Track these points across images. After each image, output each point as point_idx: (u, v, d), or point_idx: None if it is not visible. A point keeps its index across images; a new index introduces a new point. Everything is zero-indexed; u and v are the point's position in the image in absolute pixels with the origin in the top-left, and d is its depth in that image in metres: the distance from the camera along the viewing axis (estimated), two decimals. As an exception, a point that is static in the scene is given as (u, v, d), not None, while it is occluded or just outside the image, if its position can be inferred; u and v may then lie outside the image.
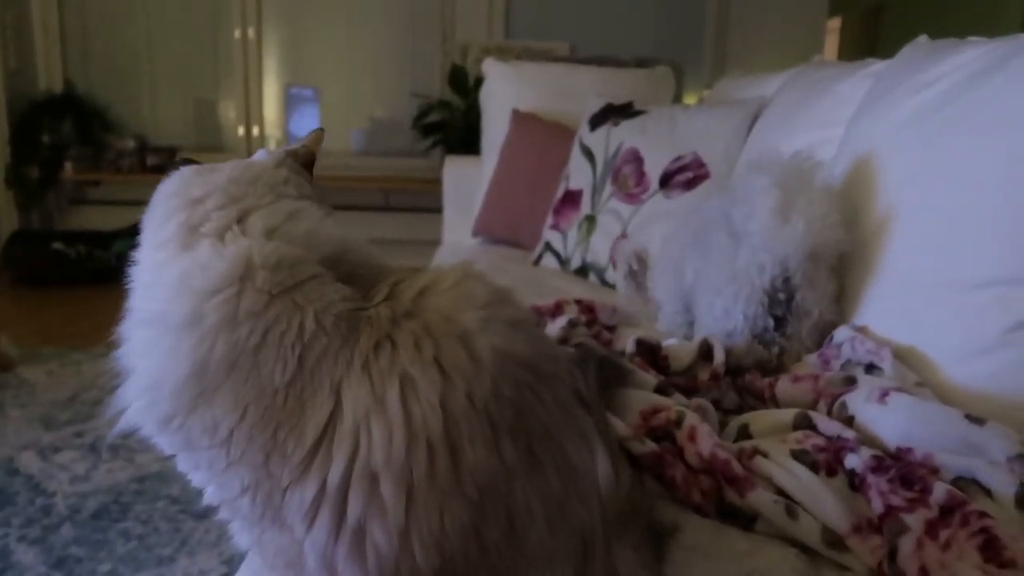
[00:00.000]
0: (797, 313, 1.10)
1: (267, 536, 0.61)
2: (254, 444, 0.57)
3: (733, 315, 1.11)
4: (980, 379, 0.90)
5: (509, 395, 0.58)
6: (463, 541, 0.55)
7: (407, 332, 0.58)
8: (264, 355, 0.57)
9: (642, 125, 1.96)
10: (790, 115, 1.59)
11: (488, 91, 2.71)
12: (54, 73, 4.27)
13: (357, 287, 0.62)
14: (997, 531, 0.67)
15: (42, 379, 2.52)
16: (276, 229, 0.63)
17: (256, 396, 0.57)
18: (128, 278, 0.64)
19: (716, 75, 4.21)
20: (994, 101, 0.96)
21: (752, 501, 0.77)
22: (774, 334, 1.11)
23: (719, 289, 1.14)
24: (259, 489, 0.58)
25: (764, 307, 1.09)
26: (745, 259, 1.11)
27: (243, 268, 0.58)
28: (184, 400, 0.57)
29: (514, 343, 0.60)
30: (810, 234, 1.07)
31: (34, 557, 1.55)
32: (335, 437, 0.56)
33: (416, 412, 0.55)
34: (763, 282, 1.09)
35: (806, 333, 1.11)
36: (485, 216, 2.49)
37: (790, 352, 1.12)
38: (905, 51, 1.27)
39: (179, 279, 0.59)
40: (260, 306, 0.57)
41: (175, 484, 1.83)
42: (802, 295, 1.09)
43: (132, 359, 0.61)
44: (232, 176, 0.69)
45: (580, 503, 0.61)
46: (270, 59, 4.47)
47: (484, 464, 0.56)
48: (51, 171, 4.05)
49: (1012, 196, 0.90)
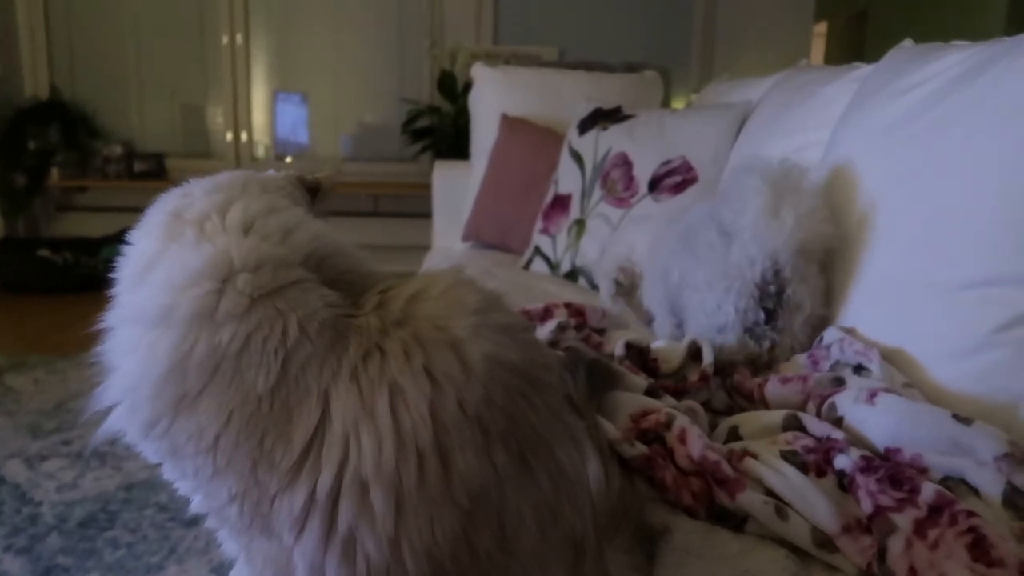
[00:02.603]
0: (788, 307, 1.11)
1: (255, 545, 0.60)
2: (240, 451, 0.56)
3: (724, 309, 1.12)
4: (967, 379, 0.91)
5: (501, 402, 0.58)
6: (454, 549, 0.55)
7: (396, 341, 0.58)
8: (247, 360, 0.56)
9: (631, 129, 1.97)
10: (777, 119, 1.60)
11: (477, 96, 2.71)
12: (40, 79, 4.24)
13: (344, 292, 0.62)
14: (985, 530, 0.67)
15: (28, 387, 2.50)
16: (253, 221, 0.62)
17: (241, 402, 0.56)
18: (115, 268, 0.63)
19: (703, 79, 4.23)
20: (979, 103, 0.97)
21: (742, 502, 0.78)
22: (765, 328, 1.12)
23: (710, 285, 1.14)
24: (247, 497, 0.57)
25: (755, 300, 1.10)
26: (736, 254, 1.12)
27: (223, 268, 0.58)
28: (165, 402, 0.57)
29: (505, 349, 0.59)
30: (799, 229, 1.08)
31: (20, 567, 1.54)
32: (324, 445, 0.56)
33: (406, 421, 0.55)
34: (754, 275, 1.10)
35: (798, 327, 1.12)
36: (475, 221, 2.49)
37: (782, 346, 1.13)
38: (890, 55, 1.28)
39: (160, 273, 0.59)
40: (241, 309, 0.57)
41: (163, 492, 1.82)
42: (793, 289, 1.10)
43: (113, 356, 0.60)
44: (230, 176, 0.69)
45: (572, 508, 0.61)
46: (258, 65, 4.46)
47: (475, 472, 0.55)
48: (37, 177, 4.02)
49: (998, 197, 0.91)
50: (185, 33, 4.38)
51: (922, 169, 1.03)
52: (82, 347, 0.62)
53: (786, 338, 1.13)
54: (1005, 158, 0.91)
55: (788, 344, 1.13)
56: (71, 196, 4.31)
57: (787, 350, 1.14)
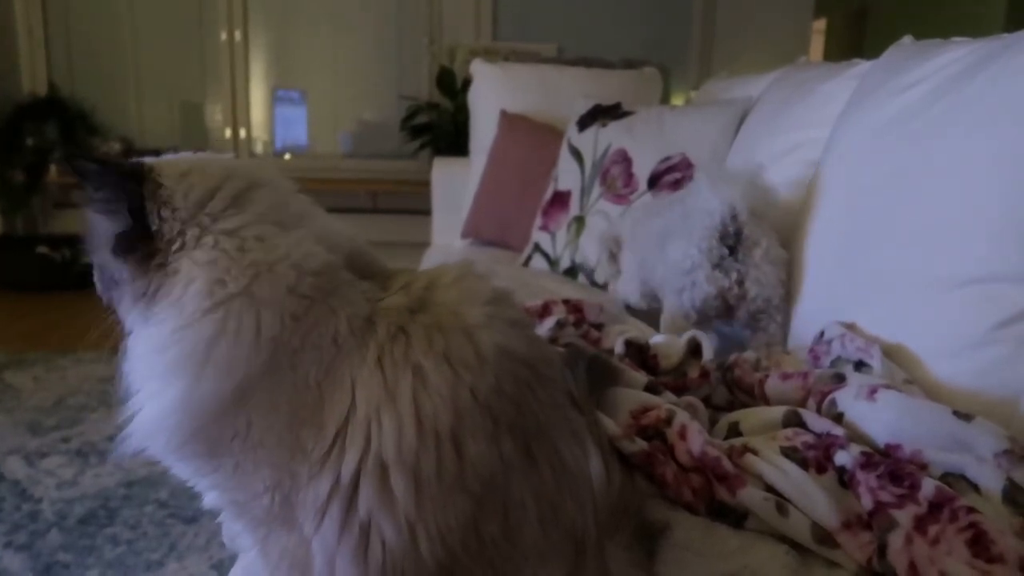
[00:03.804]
0: (747, 243, 1.26)
1: (273, 537, 0.61)
2: (283, 444, 0.57)
3: (690, 253, 1.28)
4: (967, 376, 0.91)
5: (510, 391, 0.59)
6: (464, 535, 0.56)
7: (419, 325, 0.59)
8: (301, 357, 0.58)
9: (630, 126, 1.96)
10: (776, 116, 1.60)
11: (476, 93, 2.70)
12: (38, 76, 4.23)
13: (373, 284, 0.64)
14: (985, 526, 0.67)
15: (27, 384, 2.49)
16: (301, 218, 0.64)
17: (288, 396, 0.57)
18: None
19: (703, 76, 4.22)
20: (978, 100, 0.97)
21: (742, 499, 0.78)
22: (730, 260, 1.26)
23: (676, 241, 1.32)
24: (279, 489, 0.58)
25: (717, 240, 1.26)
26: (696, 210, 1.29)
27: (292, 275, 0.59)
28: (225, 405, 0.57)
29: (515, 341, 0.61)
30: (739, 189, 1.26)
31: (21, 564, 1.54)
32: (348, 431, 0.57)
33: (426, 405, 0.56)
34: (713, 221, 1.25)
35: (760, 259, 1.26)
36: (474, 218, 2.48)
37: (749, 278, 1.26)
38: (890, 52, 1.28)
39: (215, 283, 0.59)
40: (302, 310, 0.58)
41: (163, 488, 1.82)
42: (749, 229, 1.26)
43: (170, 371, 0.57)
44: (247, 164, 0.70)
45: (573, 503, 0.61)
46: (257, 62, 4.45)
47: (485, 458, 0.56)
48: (36, 174, 4.01)
49: (997, 194, 0.91)
50: (184, 30, 4.37)
51: (922, 166, 1.03)
52: (81, 344, 0.61)
53: (751, 269, 1.26)
54: (1005, 155, 0.91)
55: (755, 276, 1.26)
56: (70, 193, 4.30)
57: (756, 282, 1.26)
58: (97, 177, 0.60)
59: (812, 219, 1.27)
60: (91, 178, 0.60)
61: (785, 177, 1.46)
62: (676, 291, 1.31)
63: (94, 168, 0.60)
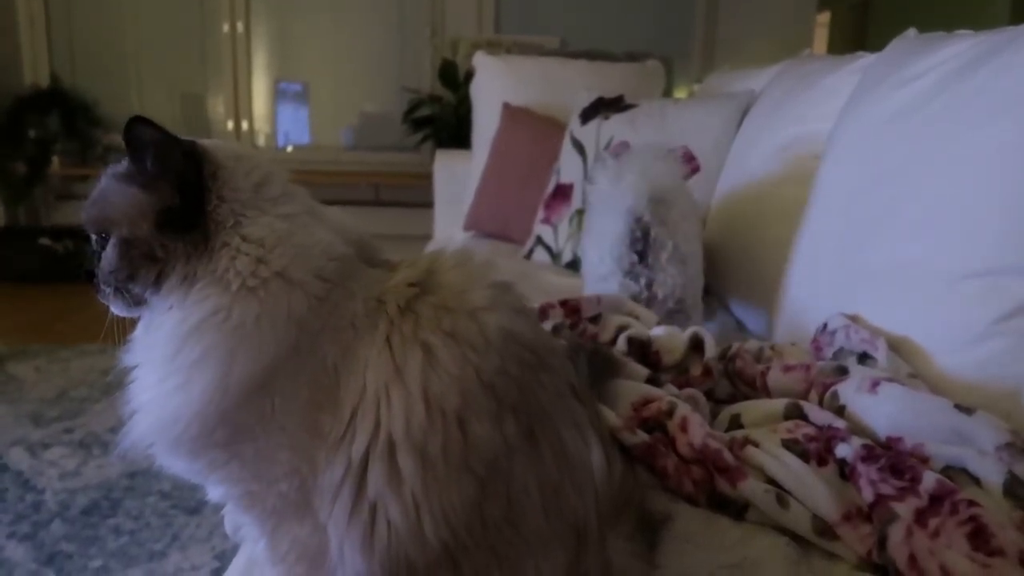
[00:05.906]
0: (654, 247, 1.34)
1: (283, 528, 0.61)
2: (303, 427, 0.58)
3: (605, 261, 1.38)
4: (969, 369, 0.91)
5: (514, 374, 0.59)
6: (468, 517, 0.57)
7: (427, 304, 0.60)
8: (322, 339, 0.59)
9: (633, 119, 1.96)
10: (780, 108, 1.60)
11: (479, 85, 2.70)
12: (40, 67, 4.23)
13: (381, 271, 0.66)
14: (986, 519, 0.67)
15: (30, 375, 2.50)
16: (316, 212, 0.66)
17: (308, 380, 0.58)
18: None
19: (706, 69, 4.21)
20: (982, 93, 0.97)
21: (743, 490, 0.78)
22: (639, 267, 1.36)
23: (594, 245, 1.43)
24: (297, 474, 0.59)
25: (627, 247, 1.35)
26: (604, 219, 1.39)
27: (322, 260, 0.61)
28: (255, 387, 0.57)
29: (519, 326, 0.62)
30: (644, 181, 1.33)
31: (24, 554, 1.55)
32: (359, 410, 0.57)
33: (434, 383, 0.57)
34: (620, 228, 1.34)
35: (666, 262, 1.35)
36: (476, 210, 2.48)
37: (657, 281, 1.35)
38: (894, 44, 1.28)
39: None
40: (324, 292, 0.59)
41: (166, 479, 1.82)
42: (655, 231, 1.34)
43: (202, 361, 0.57)
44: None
45: (575, 491, 0.61)
46: (259, 54, 4.44)
47: (488, 439, 0.57)
48: (38, 166, 4.01)
49: (1000, 187, 0.90)
50: (186, 22, 4.36)
51: (925, 159, 1.02)
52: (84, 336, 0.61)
53: (658, 273, 1.35)
54: (1007, 148, 0.91)
55: (661, 280, 1.35)
56: (72, 184, 4.30)
57: (663, 285, 1.35)
58: (156, 149, 0.59)
59: (815, 212, 1.27)
60: (148, 149, 0.60)
61: (788, 170, 1.46)
62: (594, 281, 1.41)
63: (158, 138, 0.59)
